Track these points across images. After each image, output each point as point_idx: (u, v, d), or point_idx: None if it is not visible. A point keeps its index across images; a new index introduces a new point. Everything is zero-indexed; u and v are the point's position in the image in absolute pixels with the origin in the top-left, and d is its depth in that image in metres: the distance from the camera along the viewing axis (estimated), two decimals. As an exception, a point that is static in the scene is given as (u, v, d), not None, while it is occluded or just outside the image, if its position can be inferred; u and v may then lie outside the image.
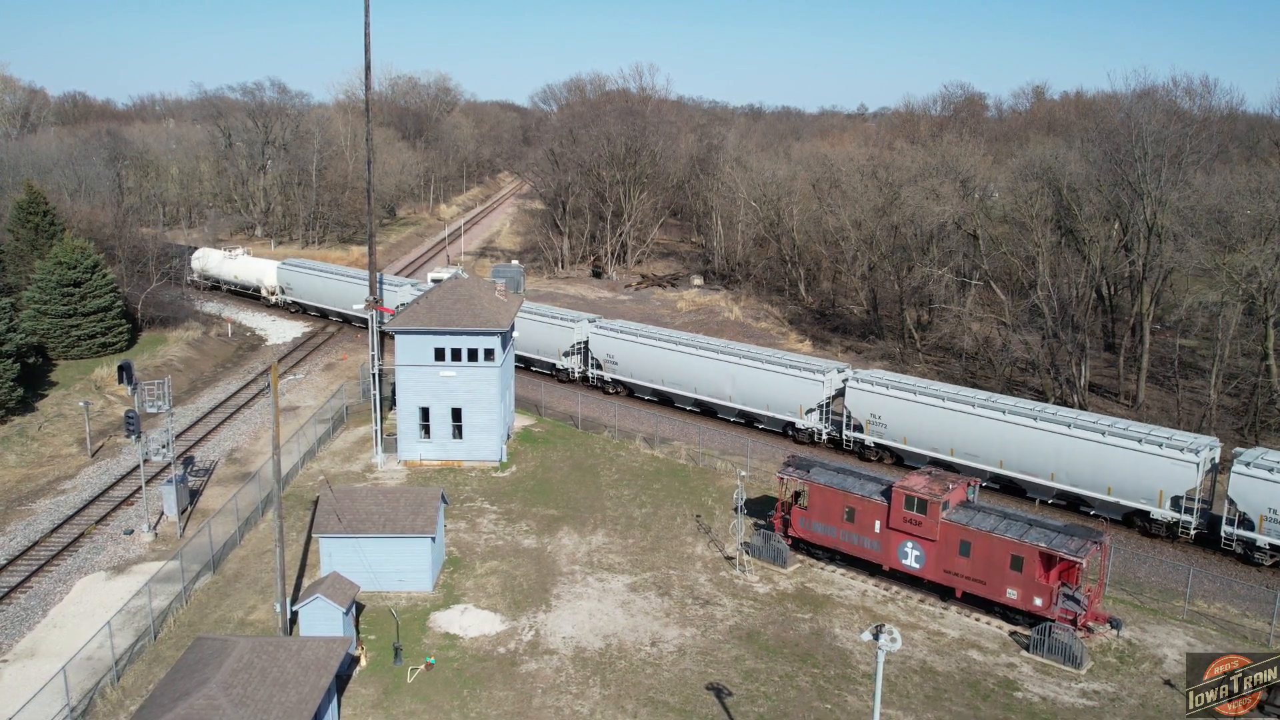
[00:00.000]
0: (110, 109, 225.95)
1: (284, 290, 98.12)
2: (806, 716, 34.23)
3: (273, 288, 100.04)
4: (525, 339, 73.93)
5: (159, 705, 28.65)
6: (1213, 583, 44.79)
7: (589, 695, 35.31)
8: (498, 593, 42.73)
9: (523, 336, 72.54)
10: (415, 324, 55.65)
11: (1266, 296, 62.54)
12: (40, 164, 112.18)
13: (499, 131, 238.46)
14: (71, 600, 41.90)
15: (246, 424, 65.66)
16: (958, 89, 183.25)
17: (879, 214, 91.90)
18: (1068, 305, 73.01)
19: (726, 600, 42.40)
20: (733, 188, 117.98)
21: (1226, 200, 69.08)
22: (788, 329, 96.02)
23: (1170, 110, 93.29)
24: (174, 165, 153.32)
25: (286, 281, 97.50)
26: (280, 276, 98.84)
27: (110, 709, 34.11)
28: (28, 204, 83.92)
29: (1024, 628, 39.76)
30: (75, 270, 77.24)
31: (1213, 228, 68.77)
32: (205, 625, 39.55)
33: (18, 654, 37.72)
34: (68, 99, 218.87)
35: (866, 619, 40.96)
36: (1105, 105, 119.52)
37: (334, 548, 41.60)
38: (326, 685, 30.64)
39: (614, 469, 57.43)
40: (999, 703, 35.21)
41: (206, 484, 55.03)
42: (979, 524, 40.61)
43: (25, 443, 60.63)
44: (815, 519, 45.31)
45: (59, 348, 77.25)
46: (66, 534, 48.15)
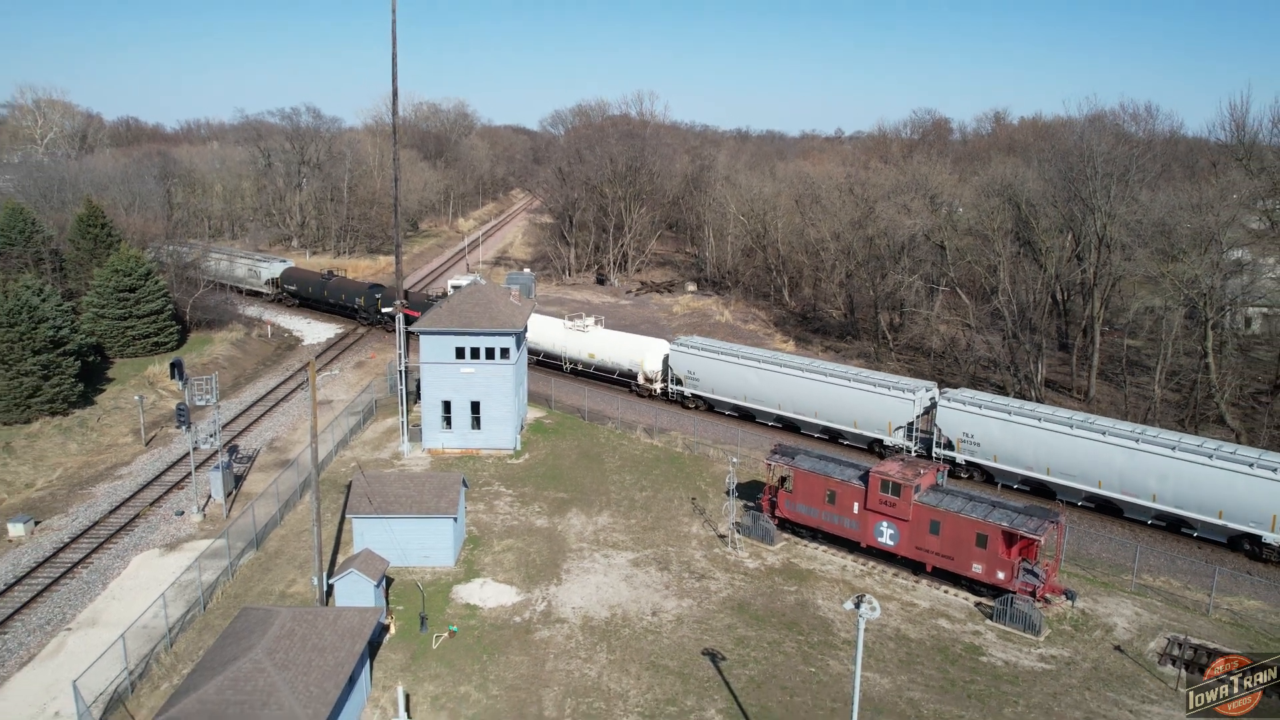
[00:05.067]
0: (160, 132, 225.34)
1: (681, 380, 67.36)
2: (793, 679, 34.29)
3: (654, 373, 69.84)
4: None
5: (209, 669, 28.72)
6: (1158, 558, 44.87)
7: (596, 660, 35.37)
8: (513, 568, 42.79)
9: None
10: (438, 325, 55.68)
11: (1205, 301, 62.60)
12: (98, 182, 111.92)
13: (512, 152, 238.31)
14: (128, 574, 41.97)
15: (285, 416, 65.66)
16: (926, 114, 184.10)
17: (855, 227, 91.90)
18: (1026, 309, 73.03)
19: (720, 574, 42.46)
20: (723, 203, 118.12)
21: (1169, 215, 69.06)
22: (773, 330, 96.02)
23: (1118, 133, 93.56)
24: (218, 183, 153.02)
25: (688, 369, 66.80)
26: (678, 362, 67.67)
27: (165, 672, 34.15)
28: (87, 217, 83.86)
29: (988, 599, 39.83)
30: (130, 277, 77.16)
31: (1157, 239, 68.79)
32: (250, 597, 39.60)
33: (80, 623, 37.75)
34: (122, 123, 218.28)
35: (846, 591, 41.01)
36: (1060, 129, 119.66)
37: (365, 527, 41.67)
38: (360, 651, 30.72)
39: (617, 457, 57.45)
40: (966, 666, 35.29)
41: (249, 470, 55.04)
42: (947, 505, 40.70)
43: (85, 433, 60.63)
44: (799, 501, 45.37)
45: (115, 347, 77.18)
46: (123, 515, 48.21)
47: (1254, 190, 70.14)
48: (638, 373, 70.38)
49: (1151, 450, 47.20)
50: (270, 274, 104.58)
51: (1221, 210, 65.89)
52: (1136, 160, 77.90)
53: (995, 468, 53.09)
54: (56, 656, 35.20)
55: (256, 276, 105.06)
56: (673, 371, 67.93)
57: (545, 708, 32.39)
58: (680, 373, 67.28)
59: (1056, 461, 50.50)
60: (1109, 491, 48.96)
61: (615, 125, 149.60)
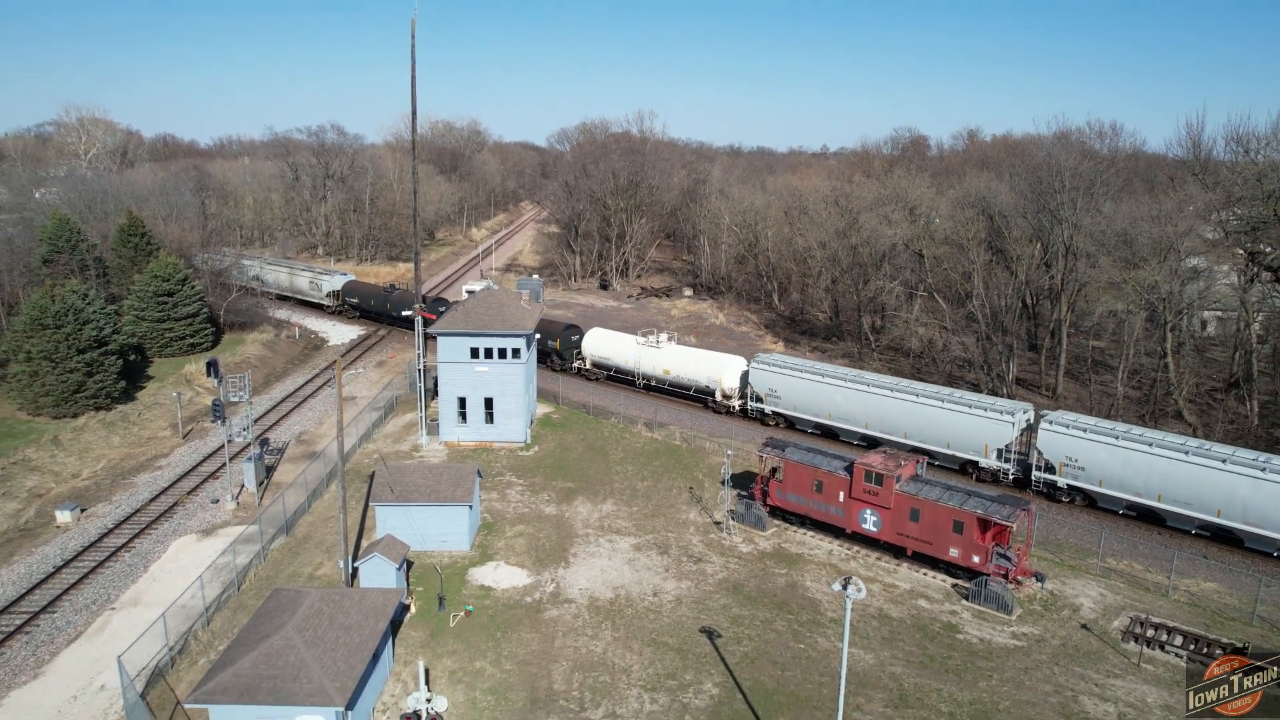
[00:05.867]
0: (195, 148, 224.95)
1: (762, 398, 62.65)
2: (784, 655, 34.31)
3: (732, 390, 65.37)
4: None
5: (244, 645, 28.75)
6: (1120, 543, 44.87)
7: (602, 637, 35.41)
8: (525, 552, 42.80)
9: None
10: (454, 328, 55.71)
11: (1164, 306, 62.65)
12: (137, 194, 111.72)
13: (521, 167, 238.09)
14: (168, 558, 42.02)
15: (312, 411, 65.66)
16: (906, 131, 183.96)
17: (840, 236, 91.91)
18: (998, 312, 73.08)
19: (715, 558, 42.48)
20: (717, 214, 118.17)
21: (1131, 225, 69.10)
22: (764, 332, 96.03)
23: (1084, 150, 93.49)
24: (249, 195, 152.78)
25: (769, 387, 62.18)
26: (758, 380, 62.77)
27: (202, 648, 34.19)
28: (128, 227, 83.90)
29: (964, 581, 39.83)
30: (168, 282, 77.21)
31: (1120, 248, 68.83)
32: (280, 579, 39.64)
33: (124, 603, 37.81)
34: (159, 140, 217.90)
35: (833, 574, 41.02)
36: (1030, 145, 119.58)
37: (387, 514, 41.70)
38: (383, 629, 30.76)
39: (620, 449, 57.46)
40: (943, 643, 35.32)
41: (279, 461, 55.05)
42: (926, 494, 40.71)
43: (127, 427, 60.66)
44: (789, 490, 45.39)
45: (155, 347, 77.24)
46: (163, 503, 48.27)
47: (1209, 203, 70.14)
48: (715, 390, 65.67)
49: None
50: (332, 286, 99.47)
51: (1179, 221, 65.97)
52: (1101, 175, 77.96)
53: (1100, 492, 48.35)
54: (102, 634, 35.27)
55: (318, 289, 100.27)
56: (753, 389, 63.03)
57: (555, 681, 32.43)
58: (761, 390, 62.44)
59: (1170, 488, 45.62)
60: (1231, 521, 43.75)
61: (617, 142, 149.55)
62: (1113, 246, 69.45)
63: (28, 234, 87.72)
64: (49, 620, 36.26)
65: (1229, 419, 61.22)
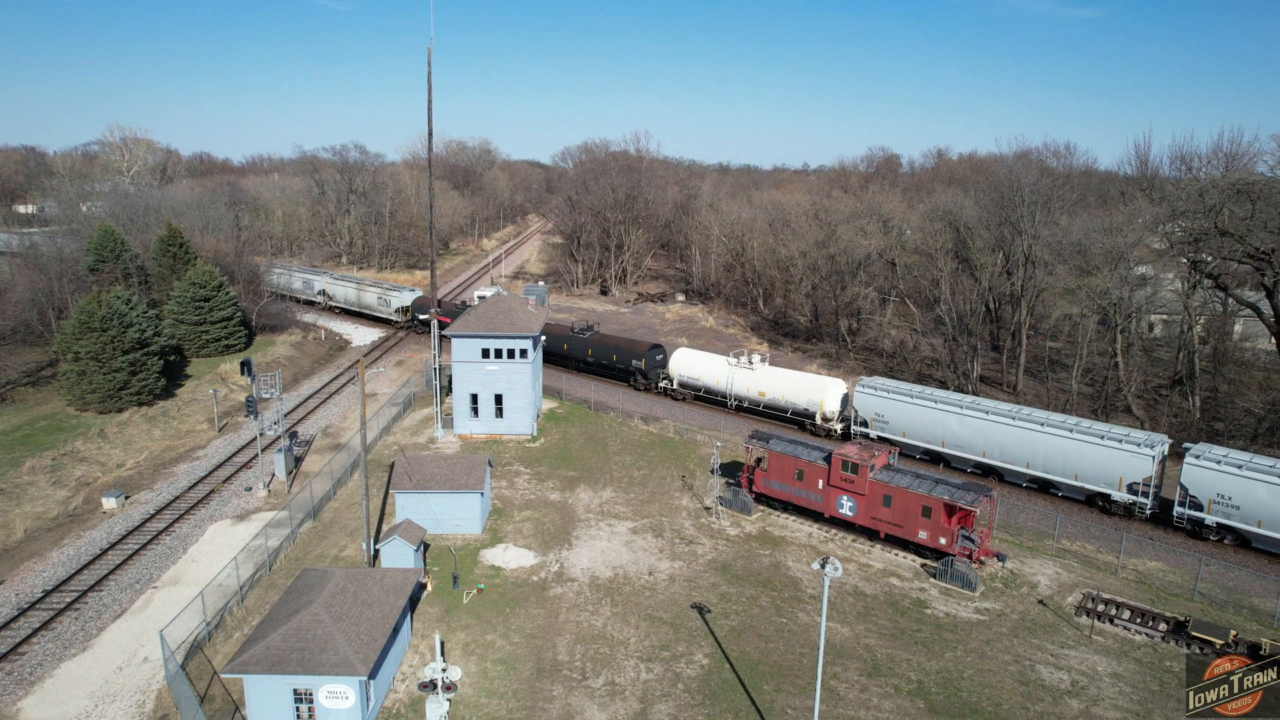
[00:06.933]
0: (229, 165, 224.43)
1: (867, 422, 56.21)
2: (767, 628, 34.42)
3: (833, 414, 59.32)
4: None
5: (275, 620, 28.79)
6: (1075, 526, 45.01)
7: (602, 612, 35.50)
8: (531, 535, 42.86)
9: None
10: (467, 330, 55.72)
11: (1115, 310, 62.83)
12: (176, 208, 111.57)
13: (528, 183, 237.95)
14: (205, 541, 42.02)
15: (337, 406, 65.61)
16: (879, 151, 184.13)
17: (819, 246, 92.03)
18: (964, 316, 73.28)
19: (705, 540, 42.57)
20: (707, 226, 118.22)
21: (1085, 236, 69.25)
22: (750, 334, 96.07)
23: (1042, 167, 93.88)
24: (278, 208, 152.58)
25: (876, 411, 55.80)
26: (864, 404, 56.33)
27: (237, 623, 34.23)
28: (167, 238, 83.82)
29: (932, 561, 40.03)
30: (205, 289, 77.10)
31: (1075, 257, 69.01)
32: (308, 559, 39.67)
33: (165, 582, 37.81)
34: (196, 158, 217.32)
35: (812, 554, 41.15)
36: (993, 164, 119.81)
37: (406, 500, 41.74)
38: (403, 605, 30.81)
39: (619, 441, 57.50)
40: (913, 617, 35.46)
41: (308, 452, 55.02)
42: (898, 482, 40.84)
43: (167, 421, 60.59)
44: (773, 478, 45.48)
45: (192, 348, 77.11)
46: (200, 490, 48.23)
47: (1155, 216, 70.36)
48: (815, 413, 59.59)
49: None
50: (400, 302, 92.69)
51: (1128, 233, 66.15)
52: (1057, 190, 78.20)
53: (1258, 533, 41.85)
54: (145, 610, 35.28)
55: (386, 305, 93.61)
56: (858, 413, 56.62)
57: (559, 652, 32.51)
58: (867, 414, 56.18)
59: None
60: None
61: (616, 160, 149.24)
62: (1068, 256, 69.65)
63: (76, 244, 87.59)
64: (96, 598, 36.26)
65: (1174, 413, 61.44)
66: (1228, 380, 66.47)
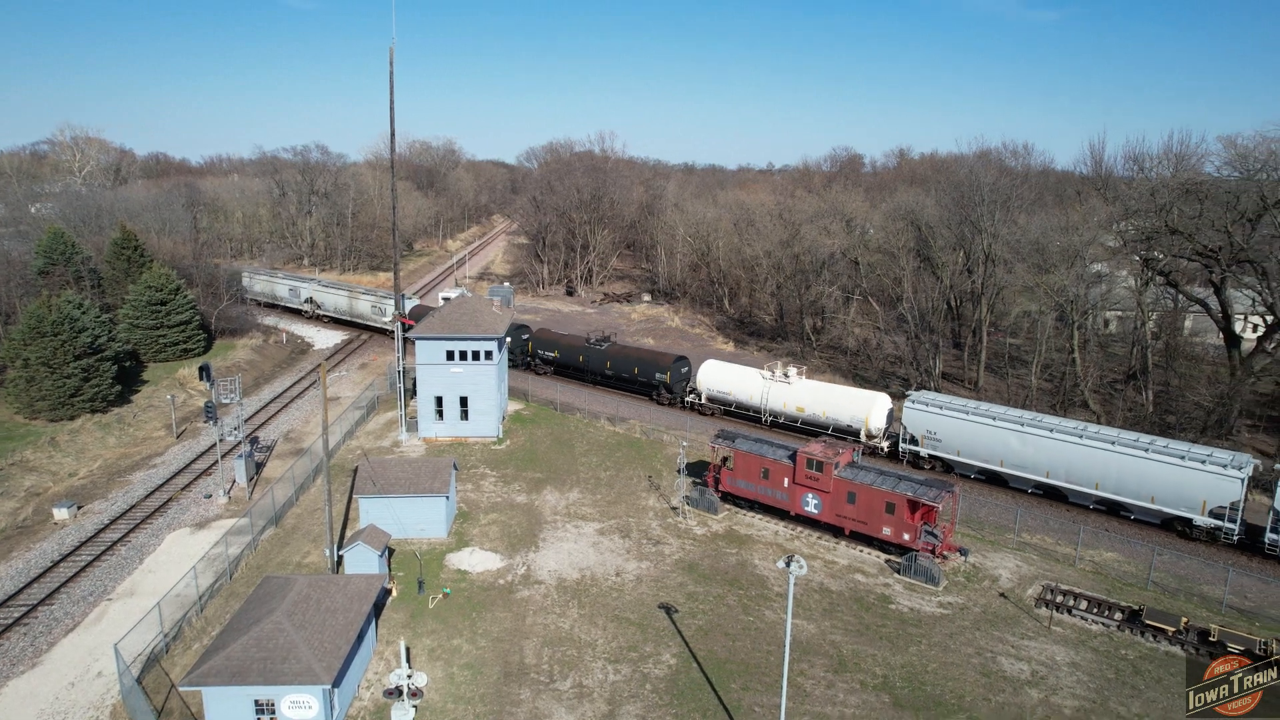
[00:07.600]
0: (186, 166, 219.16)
1: (918, 440, 53.29)
2: (734, 627, 34.55)
3: (878, 430, 56.47)
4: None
5: (236, 629, 28.25)
6: (1034, 520, 45.84)
7: (569, 614, 35.38)
8: (498, 538, 42.57)
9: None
10: (432, 332, 55.20)
11: (1072, 307, 64.14)
12: (131, 209, 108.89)
13: (493, 183, 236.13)
14: (163, 550, 41.08)
15: (299, 411, 64.60)
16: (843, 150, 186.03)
17: (784, 246, 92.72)
18: (925, 314, 74.29)
19: (672, 540, 42.63)
20: (673, 226, 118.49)
21: (1042, 235, 70.59)
22: (715, 334, 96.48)
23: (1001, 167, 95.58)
24: (238, 210, 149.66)
25: (927, 428, 52.79)
26: (913, 420, 53.38)
27: (196, 634, 33.49)
28: (122, 240, 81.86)
29: (896, 556, 40.47)
30: (162, 292, 75.42)
31: (1033, 256, 70.33)
32: (270, 567, 38.99)
33: (120, 593, 36.90)
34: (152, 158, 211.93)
35: (778, 552, 41.42)
36: (953, 163, 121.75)
37: (370, 505, 41.23)
38: (367, 611, 30.42)
39: (585, 442, 57.36)
40: (878, 612, 35.84)
41: (269, 458, 54.10)
42: (862, 479, 41.26)
43: (123, 428, 59.16)
44: (739, 477, 45.69)
45: (149, 353, 75.37)
46: (158, 499, 47.16)
47: (1110, 215, 71.97)
48: (860, 430, 56.34)
49: None
50: None
51: (1084, 231, 67.58)
52: (1016, 190, 79.68)
53: None
54: (99, 624, 34.39)
55: (381, 314, 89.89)
56: (907, 430, 53.51)
57: (526, 656, 32.33)
58: (917, 431, 53.01)
59: None
60: None
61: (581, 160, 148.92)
62: (1026, 254, 70.98)
63: (24, 247, 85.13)
64: (47, 612, 35.26)
65: (1128, 407, 62.90)
66: (1178, 374, 68.22)
